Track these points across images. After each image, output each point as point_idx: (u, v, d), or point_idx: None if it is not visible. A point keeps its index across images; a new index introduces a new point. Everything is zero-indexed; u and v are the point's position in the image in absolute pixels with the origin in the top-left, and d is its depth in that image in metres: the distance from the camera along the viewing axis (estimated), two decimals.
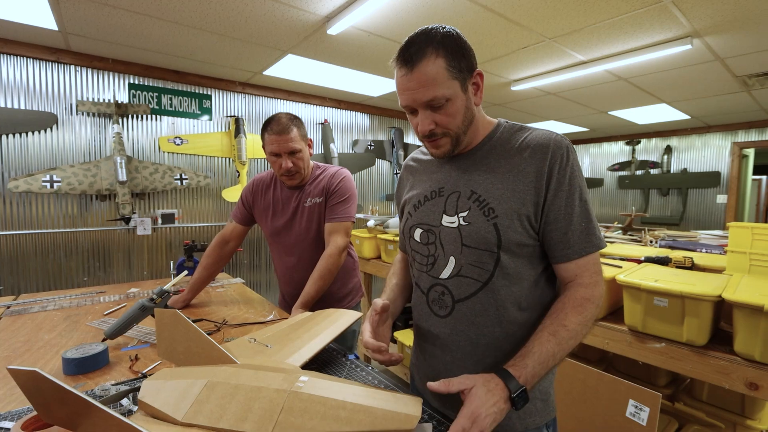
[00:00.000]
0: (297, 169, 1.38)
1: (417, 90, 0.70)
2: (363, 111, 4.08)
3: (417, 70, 0.69)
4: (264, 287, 3.49)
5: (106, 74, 2.70)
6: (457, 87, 0.71)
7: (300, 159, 1.38)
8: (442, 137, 0.75)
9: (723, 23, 2.05)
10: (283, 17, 2.06)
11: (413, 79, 0.70)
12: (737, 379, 1.14)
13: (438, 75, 0.69)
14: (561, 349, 0.66)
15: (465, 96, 0.73)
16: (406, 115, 0.79)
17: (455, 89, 0.71)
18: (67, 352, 0.96)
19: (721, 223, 4.73)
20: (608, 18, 2.03)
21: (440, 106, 0.71)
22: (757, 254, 1.38)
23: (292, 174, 1.39)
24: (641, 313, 1.32)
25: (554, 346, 0.66)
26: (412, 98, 0.72)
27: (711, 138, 4.84)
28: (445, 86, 0.69)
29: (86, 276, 2.70)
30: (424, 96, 0.70)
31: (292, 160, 1.36)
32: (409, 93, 0.72)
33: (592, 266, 0.73)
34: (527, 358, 0.65)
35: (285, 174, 1.39)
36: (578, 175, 0.73)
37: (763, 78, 2.91)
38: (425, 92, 0.70)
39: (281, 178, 1.44)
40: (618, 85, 3.18)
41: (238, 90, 3.26)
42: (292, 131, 1.35)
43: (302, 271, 1.44)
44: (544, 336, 0.67)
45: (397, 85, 0.74)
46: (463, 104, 0.73)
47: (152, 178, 2.81)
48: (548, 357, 0.65)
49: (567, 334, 0.67)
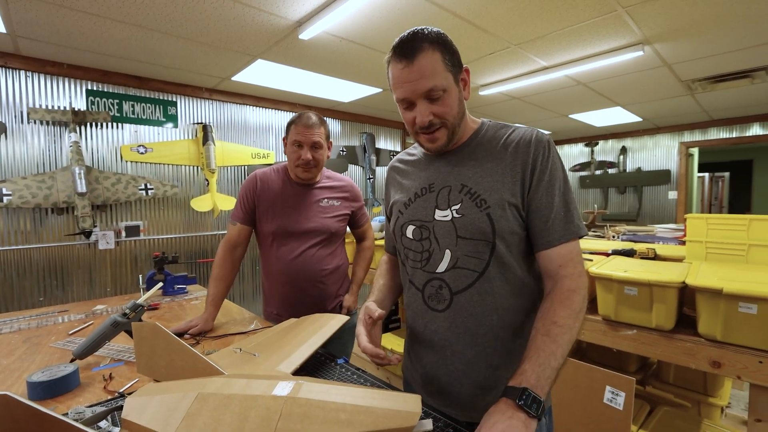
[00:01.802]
0: (316, 162, 1.42)
1: (417, 81, 0.73)
2: (334, 117, 4.07)
3: (417, 62, 0.72)
4: (240, 298, 3.38)
5: (60, 80, 2.54)
6: (451, 79, 0.75)
7: (320, 155, 1.43)
8: (439, 129, 0.78)
9: (670, 32, 2.22)
10: (253, 21, 2.03)
11: (413, 71, 0.72)
12: (702, 359, 1.22)
13: (436, 66, 0.73)
14: (558, 346, 0.66)
15: (458, 89, 0.78)
16: (400, 111, 0.81)
17: (450, 81, 0.75)
18: (32, 376, 0.89)
19: (674, 218, 5.08)
20: (569, 25, 2.15)
21: (438, 98, 0.74)
22: (712, 242, 1.50)
23: (310, 167, 1.42)
24: (613, 303, 1.39)
25: (550, 344, 0.66)
26: (412, 89, 0.74)
27: (661, 138, 5.20)
28: (442, 77, 0.73)
29: (42, 296, 2.51)
30: (424, 86, 0.73)
31: (312, 153, 1.40)
32: (408, 85, 0.74)
33: (574, 256, 0.75)
34: (524, 364, 0.65)
35: (303, 165, 1.41)
36: (558, 168, 0.77)
37: (705, 82, 3.17)
38: (425, 82, 0.73)
39: (296, 170, 1.44)
40: (577, 89, 3.36)
41: (204, 96, 3.16)
42: (320, 127, 1.42)
43: (311, 267, 1.45)
44: (538, 338, 0.68)
45: (394, 80, 0.76)
46: (457, 96, 0.77)
47: (114, 189, 2.66)
48: (548, 356, 0.65)
49: (560, 330, 0.67)
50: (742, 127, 4.57)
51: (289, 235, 1.45)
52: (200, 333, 1.29)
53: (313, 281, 1.46)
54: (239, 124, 3.40)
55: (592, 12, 1.99)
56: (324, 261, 1.47)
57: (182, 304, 1.69)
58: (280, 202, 1.47)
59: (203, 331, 1.30)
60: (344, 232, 1.58)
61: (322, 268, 1.47)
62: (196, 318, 1.33)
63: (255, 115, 3.50)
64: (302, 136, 1.39)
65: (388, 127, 4.66)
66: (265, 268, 1.54)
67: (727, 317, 1.16)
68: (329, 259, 1.49)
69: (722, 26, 2.15)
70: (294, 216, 1.45)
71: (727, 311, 1.15)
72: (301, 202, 1.47)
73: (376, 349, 0.73)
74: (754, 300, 1.10)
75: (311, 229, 1.45)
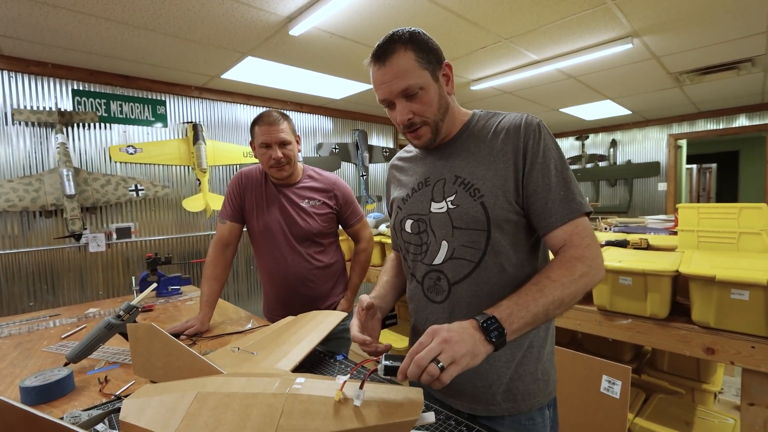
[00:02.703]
0: (287, 159, 1.39)
1: (391, 82, 0.75)
2: (326, 114, 4.04)
3: (389, 63, 0.75)
4: (235, 298, 3.36)
5: (45, 80, 2.48)
6: (428, 77, 0.76)
7: (290, 151, 1.40)
8: (421, 126, 0.79)
9: (659, 24, 2.24)
10: (243, 18, 2.00)
11: (387, 72, 0.75)
12: (696, 345, 1.24)
13: (409, 66, 0.75)
14: (543, 295, 0.65)
15: (437, 85, 0.78)
16: (387, 112, 0.82)
17: (426, 78, 0.76)
18: (24, 381, 0.88)
19: (663, 209, 5.15)
20: (559, 19, 2.15)
21: (414, 95, 0.76)
22: (703, 231, 1.52)
23: (282, 165, 1.39)
24: (608, 293, 1.41)
25: (535, 292, 0.65)
26: (388, 90, 0.76)
27: (650, 131, 5.25)
28: (416, 75, 0.75)
29: (32, 301, 2.46)
30: (398, 86, 0.75)
31: (282, 151, 1.38)
32: (384, 86, 0.77)
33: (581, 230, 0.72)
34: (503, 300, 0.65)
35: (275, 165, 1.38)
36: (552, 148, 0.76)
37: (693, 74, 3.21)
38: (399, 82, 0.75)
39: (270, 171, 1.42)
40: (568, 83, 3.38)
41: (194, 95, 3.12)
42: (282, 123, 1.40)
43: (298, 266, 1.44)
44: (525, 286, 0.68)
45: (373, 82, 0.79)
46: (437, 93, 0.78)
47: (104, 191, 2.62)
48: (528, 300, 0.64)
49: (550, 283, 0.66)
50: (729, 119, 4.64)
51: (273, 236, 1.45)
52: (197, 333, 1.27)
53: (303, 280, 1.45)
54: (230, 123, 3.36)
55: (582, 5, 2.00)
56: (312, 260, 1.46)
57: (177, 305, 1.67)
58: (264, 203, 1.46)
59: (200, 332, 1.29)
60: (333, 230, 1.55)
61: (311, 267, 1.46)
62: (192, 319, 1.32)
63: (246, 114, 3.46)
64: (268, 135, 1.36)
65: (381, 124, 4.64)
66: (258, 265, 1.54)
67: (720, 304, 1.17)
68: (319, 257, 1.48)
69: (709, 18, 2.18)
70: (276, 217, 1.44)
71: (720, 298, 1.17)
72: (283, 204, 1.45)
73: (363, 336, 0.74)
74: (746, 286, 1.12)
75: (294, 230, 1.44)
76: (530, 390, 0.79)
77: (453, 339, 0.57)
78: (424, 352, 0.57)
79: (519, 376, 0.78)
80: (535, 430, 0.80)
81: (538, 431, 0.80)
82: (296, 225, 1.44)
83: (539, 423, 0.80)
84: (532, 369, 0.79)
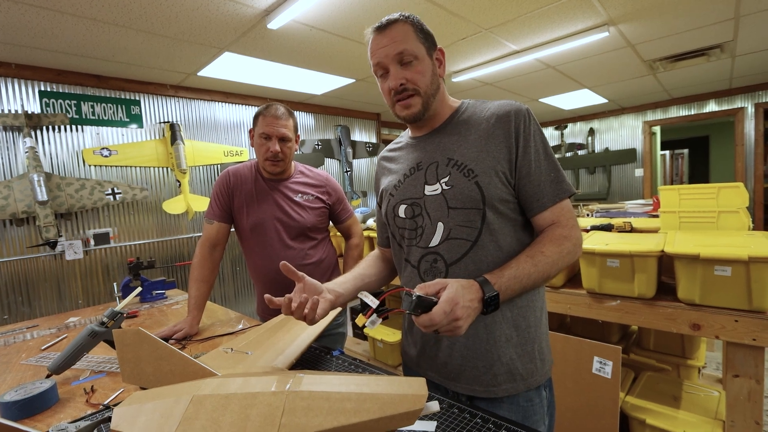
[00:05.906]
0: (284, 156, 1.38)
1: (388, 45, 0.79)
2: (307, 110, 3.99)
3: (389, 29, 0.79)
4: (222, 300, 3.29)
5: (9, 81, 2.36)
6: (423, 51, 0.80)
7: (288, 148, 1.40)
8: (413, 95, 0.81)
9: (633, 12, 2.29)
10: (218, 11, 1.94)
11: (386, 36, 0.79)
12: (683, 322, 1.28)
13: (407, 34, 0.79)
14: (536, 270, 0.71)
15: (431, 61, 0.82)
16: (378, 83, 0.84)
17: (422, 52, 0.80)
18: (4, 396, 0.83)
19: (641, 194, 5.30)
20: (538, 8, 2.17)
21: (409, 63, 0.79)
22: (685, 212, 1.56)
23: (278, 160, 1.38)
24: (597, 276, 1.43)
25: (531, 267, 0.71)
26: (384, 53, 0.79)
27: (626, 119, 5.39)
28: (413, 44, 0.79)
29: (6, 314, 2.35)
30: (395, 49, 0.78)
31: (281, 146, 1.37)
32: (381, 50, 0.79)
33: (567, 211, 0.78)
34: (504, 271, 0.70)
35: (271, 158, 1.37)
36: (540, 134, 0.80)
37: (665, 61, 3.30)
38: (396, 46, 0.78)
39: (264, 164, 1.40)
40: (546, 72, 3.42)
41: (169, 94, 3.02)
42: (288, 119, 1.39)
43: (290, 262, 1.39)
44: (522, 258, 0.73)
45: (370, 51, 0.82)
46: (430, 67, 0.81)
47: (79, 196, 2.51)
48: (523, 275, 0.70)
49: (544, 258, 0.72)
50: (699, 105, 4.80)
51: (265, 232, 1.42)
52: (186, 337, 1.24)
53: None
54: (209, 122, 3.28)
55: None
56: (304, 255, 1.44)
57: (163, 309, 1.62)
58: (255, 198, 1.43)
59: (189, 335, 1.25)
60: (324, 226, 1.54)
61: (303, 262, 1.43)
62: (181, 322, 1.28)
63: (225, 112, 3.38)
64: (270, 127, 1.35)
65: (363, 119, 4.61)
66: (248, 265, 1.50)
67: (704, 281, 1.21)
68: (310, 252, 1.47)
69: (681, 5, 2.23)
70: (269, 212, 1.42)
71: (704, 275, 1.20)
72: (275, 198, 1.43)
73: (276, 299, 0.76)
74: (728, 263, 1.15)
75: (286, 225, 1.42)
76: (528, 369, 0.80)
77: (463, 316, 0.62)
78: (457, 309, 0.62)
79: (518, 355, 0.79)
80: (533, 410, 0.80)
81: (536, 411, 0.81)
82: (291, 218, 1.42)
83: (537, 404, 0.81)
84: (529, 348, 0.81)
